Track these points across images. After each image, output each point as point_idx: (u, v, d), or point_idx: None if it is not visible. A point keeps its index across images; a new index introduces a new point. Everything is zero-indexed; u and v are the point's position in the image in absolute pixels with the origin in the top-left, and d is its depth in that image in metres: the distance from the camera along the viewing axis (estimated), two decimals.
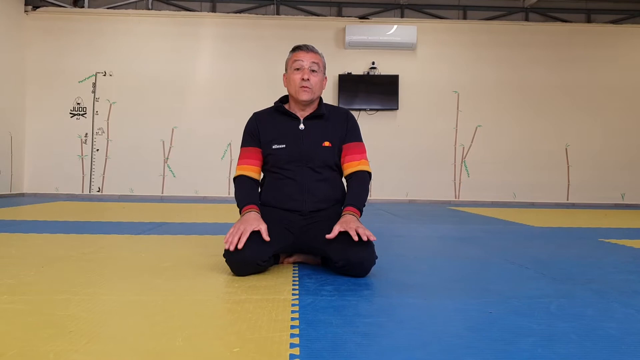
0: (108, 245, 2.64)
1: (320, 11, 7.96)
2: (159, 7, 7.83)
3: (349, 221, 1.89)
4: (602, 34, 7.97)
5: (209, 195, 7.63)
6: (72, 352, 1.08)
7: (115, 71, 7.66)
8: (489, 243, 3.06)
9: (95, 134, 7.65)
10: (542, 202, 7.81)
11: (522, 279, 1.98)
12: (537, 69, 7.90)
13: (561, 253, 2.69)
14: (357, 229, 1.84)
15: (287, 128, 2.12)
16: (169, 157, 7.68)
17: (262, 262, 1.90)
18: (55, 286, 1.69)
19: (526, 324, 1.35)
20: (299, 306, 1.49)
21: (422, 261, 2.39)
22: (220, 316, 1.43)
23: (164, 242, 2.83)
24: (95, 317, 1.34)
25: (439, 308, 1.53)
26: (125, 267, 2.05)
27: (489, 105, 7.88)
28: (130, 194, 7.62)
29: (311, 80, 2.08)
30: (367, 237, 1.83)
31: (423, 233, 3.62)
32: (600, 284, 1.90)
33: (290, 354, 1.10)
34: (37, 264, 2.05)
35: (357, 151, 2.13)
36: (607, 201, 7.86)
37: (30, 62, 7.56)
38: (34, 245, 2.59)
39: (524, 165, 7.87)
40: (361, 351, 1.14)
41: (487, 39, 7.90)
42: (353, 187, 2.08)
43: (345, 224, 1.88)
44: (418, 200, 7.80)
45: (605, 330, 1.32)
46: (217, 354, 1.09)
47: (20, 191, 7.48)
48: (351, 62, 7.74)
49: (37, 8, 7.58)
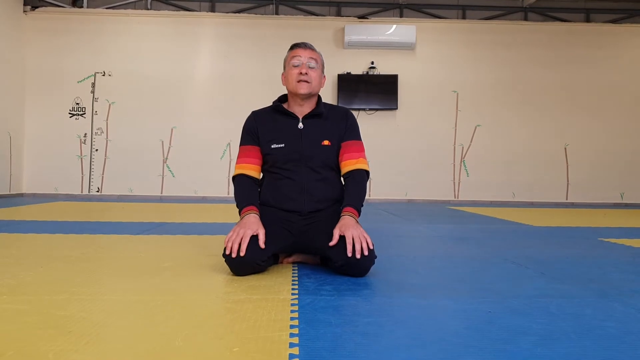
0: (107, 246, 2.64)
1: (319, 11, 7.96)
2: (158, 7, 7.83)
3: (348, 225, 1.89)
4: (601, 34, 7.97)
5: (208, 195, 7.63)
6: (72, 352, 1.08)
7: (115, 71, 7.65)
8: (488, 243, 3.06)
9: (94, 134, 7.65)
10: (541, 202, 7.82)
11: (521, 278, 1.98)
12: (536, 69, 7.90)
13: (560, 252, 2.69)
14: (354, 237, 1.84)
15: (286, 127, 2.11)
16: (168, 157, 7.68)
17: (262, 262, 1.90)
18: (54, 286, 1.69)
19: (525, 324, 1.35)
20: (298, 306, 1.49)
21: (421, 261, 2.40)
22: (219, 316, 1.43)
23: (163, 242, 2.83)
24: (94, 317, 1.34)
25: (438, 308, 1.53)
26: (124, 267, 2.05)
27: (488, 104, 7.88)
28: (130, 194, 7.62)
29: (309, 74, 2.07)
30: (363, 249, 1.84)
31: (422, 233, 3.62)
32: (599, 283, 1.90)
33: (289, 353, 1.10)
34: (36, 264, 2.05)
35: (356, 149, 2.11)
36: (606, 200, 7.87)
37: (29, 62, 7.55)
38: (34, 246, 2.58)
39: (523, 165, 7.88)
40: (360, 350, 1.14)
41: (486, 39, 7.90)
42: (351, 186, 2.07)
43: (344, 227, 1.88)
44: (417, 200, 7.80)
45: (605, 329, 1.32)
46: (216, 354, 1.09)
47: (20, 191, 7.48)
48: (350, 62, 7.74)
49: (36, 8, 7.58)
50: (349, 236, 1.84)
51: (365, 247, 1.85)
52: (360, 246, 1.84)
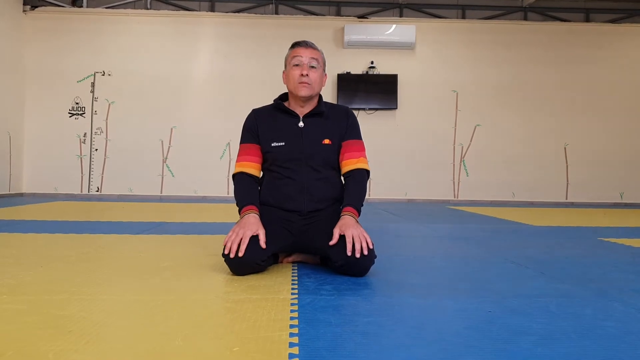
0: (107, 245, 2.64)
1: (319, 10, 7.95)
2: (157, 6, 7.82)
3: (348, 225, 1.89)
4: (600, 34, 7.97)
5: (208, 195, 7.63)
6: (72, 352, 1.08)
7: (114, 71, 7.65)
8: (488, 242, 3.06)
9: (94, 134, 7.64)
10: (541, 202, 7.82)
11: (521, 278, 1.98)
12: (536, 69, 7.90)
13: (560, 252, 2.70)
14: (354, 237, 1.84)
15: (287, 126, 2.10)
16: (167, 156, 7.68)
17: (261, 261, 1.90)
18: (54, 286, 1.68)
19: (525, 323, 1.35)
20: (298, 305, 1.49)
21: (421, 260, 2.40)
22: (219, 316, 1.43)
23: (163, 241, 2.83)
24: (94, 317, 1.34)
25: (438, 307, 1.53)
26: (124, 267, 2.05)
27: (488, 104, 7.88)
28: (129, 193, 7.61)
29: (310, 76, 2.05)
30: (363, 249, 1.84)
31: (422, 232, 3.62)
32: (599, 283, 1.90)
33: (289, 353, 1.10)
34: (36, 264, 2.05)
35: (356, 149, 2.11)
36: (606, 200, 7.87)
37: (28, 61, 7.55)
38: (33, 245, 2.58)
39: (522, 165, 7.87)
40: (360, 350, 1.14)
41: (486, 39, 7.90)
42: (351, 185, 2.06)
43: (344, 226, 1.88)
44: (417, 199, 7.80)
45: (605, 329, 1.32)
46: (216, 354, 1.09)
47: (19, 191, 7.47)
48: (350, 62, 7.74)
49: (35, 7, 7.57)
50: (349, 235, 1.84)
51: (365, 246, 1.85)
52: (360, 245, 1.84)
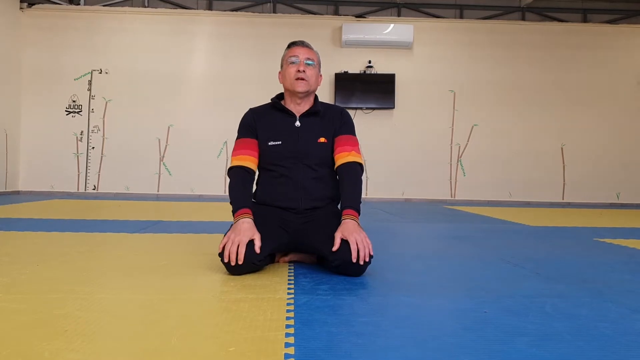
0: (103, 244, 2.63)
1: (316, 9, 7.95)
2: (154, 4, 7.80)
3: (350, 230, 1.88)
4: (598, 34, 7.99)
5: (205, 193, 7.62)
6: (68, 351, 1.08)
7: (111, 69, 7.63)
8: (484, 242, 3.06)
9: (90, 132, 7.63)
10: (538, 201, 7.84)
11: (517, 278, 1.99)
12: (533, 69, 7.92)
13: (556, 252, 2.70)
14: (358, 242, 1.84)
15: (283, 125, 2.11)
16: (164, 155, 7.66)
17: (258, 261, 1.89)
18: (50, 285, 1.68)
19: (521, 324, 1.36)
20: (294, 305, 1.49)
21: (418, 260, 2.40)
22: (215, 315, 1.42)
23: (160, 240, 2.83)
24: (90, 316, 1.34)
25: (434, 307, 1.53)
26: (120, 266, 2.05)
27: (485, 104, 7.89)
28: (126, 192, 7.60)
29: (307, 72, 2.07)
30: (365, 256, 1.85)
31: (419, 232, 3.63)
32: (594, 283, 1.90)
33: (285, 353, 1.10)
34: (32, 263, 2.05)
35: (349, 143, 2.10)
36: (602, 200, 7.89)
37: (25, 59, 7.52)
38: (29, 244, 2.58)
39: (519, 165, 7.89)
40: (356, 350, 1.14)
41: (484, 39, 7.91)
42: (347, 184, 2.04)
43: (346, 232, 1.87)
44: (414, 199, 7.81)
45: (600, 330, 1.33)
46: (212, 353, 1.09)
47: (16, 189, 7.45)
48: (347, 61, 7.74)
49: (32, 5, 7.54)
50: (353, 242, 1.84)
51: (367, 254, 1.85)
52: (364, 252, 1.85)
